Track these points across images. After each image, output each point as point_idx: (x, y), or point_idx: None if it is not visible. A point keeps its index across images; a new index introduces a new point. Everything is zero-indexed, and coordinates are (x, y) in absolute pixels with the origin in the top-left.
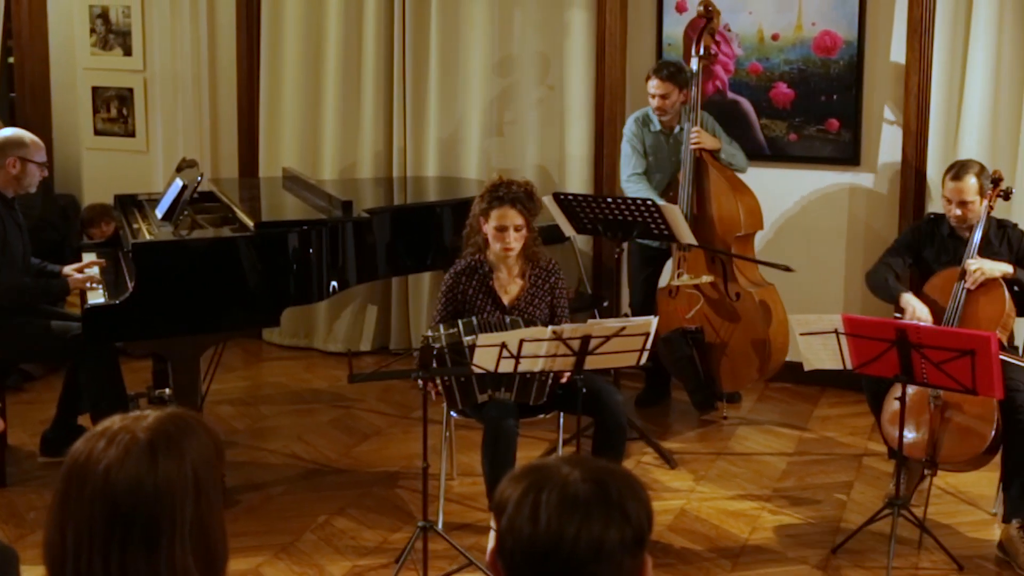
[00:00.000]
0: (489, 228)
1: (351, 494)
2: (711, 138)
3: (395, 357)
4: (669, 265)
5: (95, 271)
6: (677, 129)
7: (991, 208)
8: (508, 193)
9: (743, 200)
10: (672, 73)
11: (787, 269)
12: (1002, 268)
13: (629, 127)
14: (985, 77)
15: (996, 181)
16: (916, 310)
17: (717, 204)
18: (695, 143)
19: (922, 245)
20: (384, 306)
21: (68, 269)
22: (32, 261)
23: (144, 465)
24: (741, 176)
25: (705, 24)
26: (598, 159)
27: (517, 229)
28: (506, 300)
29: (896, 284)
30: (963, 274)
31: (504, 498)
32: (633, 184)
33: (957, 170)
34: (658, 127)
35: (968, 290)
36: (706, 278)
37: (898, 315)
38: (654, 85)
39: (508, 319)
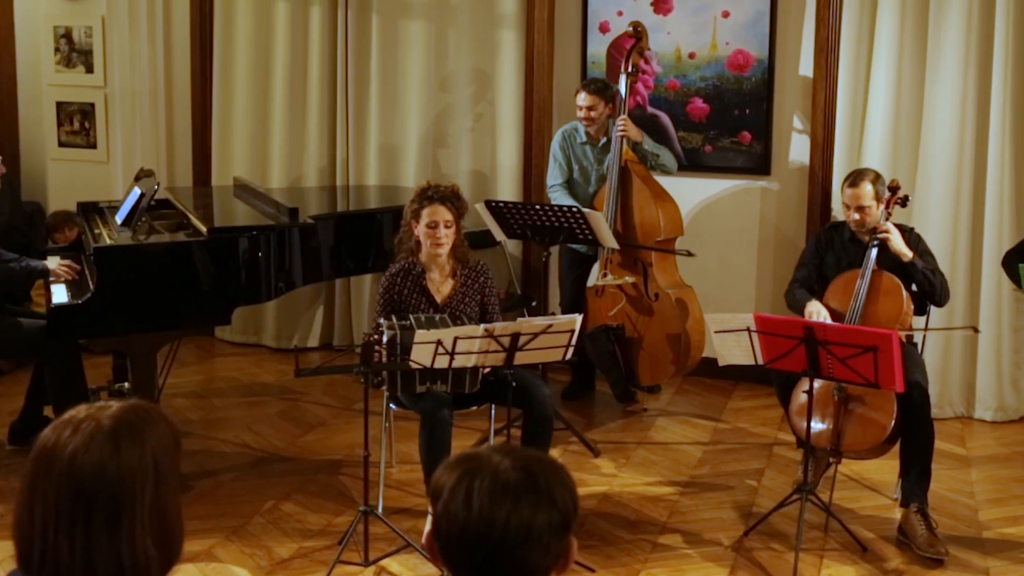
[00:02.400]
0: (421, 228)
1: (297, 480)
2: (636, 129)
3: (339, 353)
4: (597, 266)
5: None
6: (603, 140)
7: (889, 214)
8: (436, 193)
9: (664, 208)
10: (600, 88)
11: (689, 254)
12: (906, 251)
13: (556, 139)
14: (887, 93)
15: (894, 189)
16: (813, 315)
17: (639, 211)
18: (621, 131)
19: (824, 251)
20: (328, 305)
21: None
22: (9, 255)
23: (108, 451)
24: (664, 183)
25: (635, 43)
26: (527, 169)
27: (447, 225)
28: (439, 298)
29: (803, 296)
30: (867, 253)
31: (440, 484)
32: (554, 193)
33: (854, 178)
34: (584, 138)
35: (870, 281)
36: (628, 279)
37: None
38: (583, 98)
39: (440, 316)
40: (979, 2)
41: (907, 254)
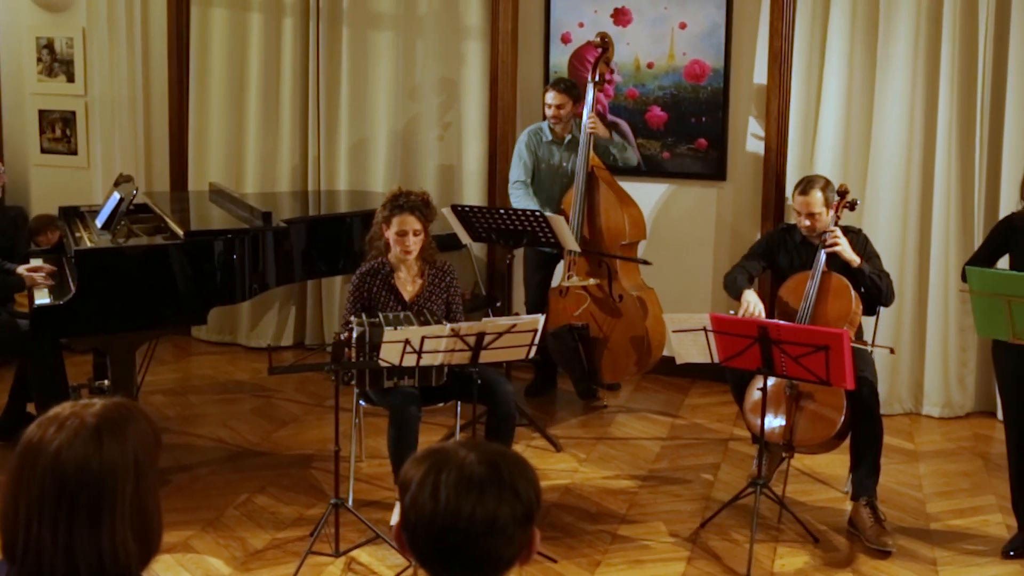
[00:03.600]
0: (391, 233)
1: (270, 474)
2: (604, 127)
3: (310, 352)
4: (561, 268)
5: (43, 274)
6: (568, 138)
7: (838, 218)
8: (407, 202)
9: (629, 212)
10: (568, 87)
11: (645, 263)
12: (854, 257)
13: (522, 139)
14: (838, 101)
15: (843, 194)
16: (750, 305)
17: (605, 216)
18: (591, 128)
19: (776, 252)
20: (300, 306)
21: (22, 269)
22: None
23: (91, 447)
24: (624, 188)
25: (601, 54)
26: (491, 174)
27: (416, 234)
28: (407, 297)
29: (743, 282)
30: (818, 251)
31: (408, 478)
32: (516, 191)
33: (804, 186)
34: (550, 137)
35: (820, 282)
36: (593, 281)
37: (732, 311)
38: (552, 97)
39: (404, 314)
40: (926, 15)
41: (855, 261)
